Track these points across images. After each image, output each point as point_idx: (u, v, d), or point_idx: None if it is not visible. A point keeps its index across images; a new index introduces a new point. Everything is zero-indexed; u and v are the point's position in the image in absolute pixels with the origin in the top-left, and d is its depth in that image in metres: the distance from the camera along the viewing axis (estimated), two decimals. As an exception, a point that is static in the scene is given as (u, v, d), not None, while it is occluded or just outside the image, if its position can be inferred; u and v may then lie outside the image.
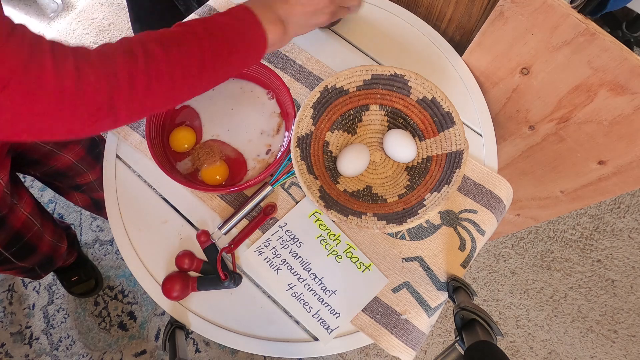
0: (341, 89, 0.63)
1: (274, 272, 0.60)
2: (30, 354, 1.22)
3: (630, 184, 0.66)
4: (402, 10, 0.78)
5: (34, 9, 1.62)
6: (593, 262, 1.33)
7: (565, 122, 0.67)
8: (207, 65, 0.42)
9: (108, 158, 0.68)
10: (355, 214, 0.58)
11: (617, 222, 1.36)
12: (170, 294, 0.58)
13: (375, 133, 0.66)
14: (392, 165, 0.65)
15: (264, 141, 0.66)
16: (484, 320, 0.47)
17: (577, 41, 0.56)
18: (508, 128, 0.78)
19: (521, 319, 1.28)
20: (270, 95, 0.68)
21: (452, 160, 0.59)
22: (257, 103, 0.68)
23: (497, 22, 0.63)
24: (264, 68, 0.65)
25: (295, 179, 0.65)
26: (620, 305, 1.28)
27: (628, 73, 0.54)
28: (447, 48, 0.75)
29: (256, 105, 0.68)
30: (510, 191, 0.66)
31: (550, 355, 1.25)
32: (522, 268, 1.33)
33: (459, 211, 0.64)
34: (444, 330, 1.27)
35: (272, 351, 0.58)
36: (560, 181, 0.78)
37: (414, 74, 0.61)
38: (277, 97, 0.68)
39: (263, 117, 0.67)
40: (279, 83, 0.64)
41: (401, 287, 0.60)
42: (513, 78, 0.69)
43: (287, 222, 0.63)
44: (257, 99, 0.68)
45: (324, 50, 0.74)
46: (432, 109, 0.61)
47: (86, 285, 1.24)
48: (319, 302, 0.59)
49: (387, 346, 0.58)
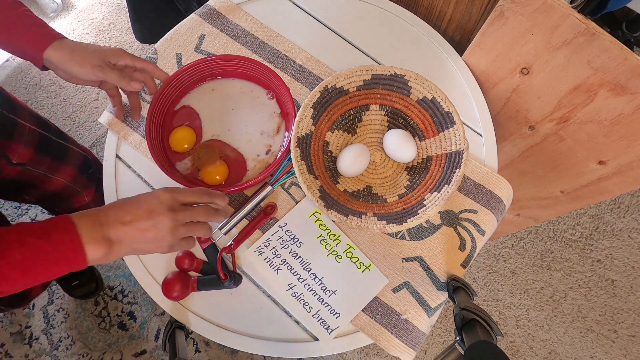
0: (341, 89, 0.63)
1: (274, 272, 0.60)
2: (30, 354, 1.22)
3: (630, 184, 0.66)
4: (402, 10, 0.78)
5: (34, 8, 1.62)
6: (593, 262, 1.33)
7: (565, 122, 0.67)
8: (17, 277, 0.42)
9: (108, 158, 0.68)
10: (355, 214, 0.58)
11: (617, 222, 1.36)
12: (170, 294, 0.58)
13: (375, 133, 0.66)
14: (392, 165, 0.65)
15: (264, 141, 0.66)
16: (484, 320, 0.47)
17: (577, 41, 0.56)
18: (508, 128, 0.78)
19: (521, 319, 1.28)
20: (270, 95, 0.68)
21: (452, 160, 0.59)
22: (257, 103, 0.68)
23: (497, 22, 0.63)
24: (264, 68, 0.65)
25: (295, 179, 0.65)
26: (620, 305, 1.28)
27: (628, 73, 0.54)
28: (447, 48, 0.75)
29: (256, 105, 0.68)
30: (510, 191, 0.66)
31: (550, 355, 1.25)
32: (522, 268, 1.33)
33: (459, 211, 0.63)
34: (444, 330, 1.27)
35: (272, 351, 0.58)
36: (560, 181, 0.78)
37: (414, 74, 0.61)
38: (277, 97, 0.68)
39: (263, 118, 0.67)
40: (279, 83, 0.64)
41: (401, 287, 0.60)
42: (513, 78, 0.69)
43: (287, 222, 0.63)
44: (257, 99, 0.68)
45: (324, 50, 0.74)
46: (432, 109, 0.61)
47: (86, 289, 1.24)
48: (319, 302, 0.59)
49: (387, 346, 0.58)
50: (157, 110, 0.64)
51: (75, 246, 0.43)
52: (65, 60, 0.56)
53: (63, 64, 0.56)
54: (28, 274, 0.41)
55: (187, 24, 0.76)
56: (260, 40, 0.74)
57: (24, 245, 0.41)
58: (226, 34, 0.75)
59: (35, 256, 0.41)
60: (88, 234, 0.43)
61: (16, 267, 0.40)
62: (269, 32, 0.75)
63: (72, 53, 0.56)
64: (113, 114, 0.69)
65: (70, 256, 0.43)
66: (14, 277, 0.40)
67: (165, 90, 0.65)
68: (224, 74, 0.69)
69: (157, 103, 0.64)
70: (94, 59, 0.57)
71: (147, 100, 0.71)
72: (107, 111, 0.70)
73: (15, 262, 0.40)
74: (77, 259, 0.43)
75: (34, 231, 0.42)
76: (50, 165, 0.81)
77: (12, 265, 0.40)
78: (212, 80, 0.69)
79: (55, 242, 0.42)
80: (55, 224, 0.43)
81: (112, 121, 0.69)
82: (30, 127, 0.75)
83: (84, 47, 0.57)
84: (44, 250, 0.41)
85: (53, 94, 1.49)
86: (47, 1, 1.60)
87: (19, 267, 0.40)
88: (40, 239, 0.41)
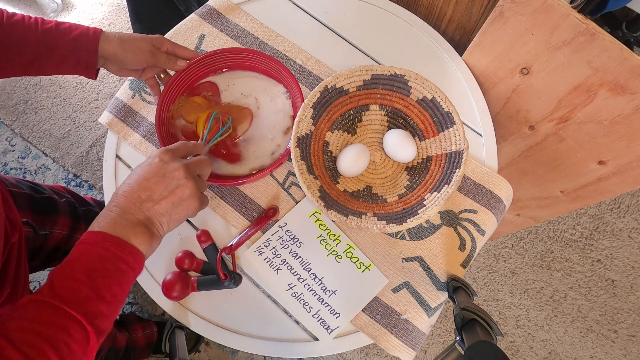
0: (341, 89, 0.63)
1: (274, 272, 0.60)
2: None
3: (630, 184, 0.66)
4: (402, 10, 0.78)
5: (34, 9, 1.62)
6: (593, 262, 1.33)
7: (565, 122, 0.67)
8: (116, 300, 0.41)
9: (108, 158, 0.68)
10: (355, 214, 0.58)
11: (617, 222, 1.36)
12: (170, 294, 0.58)
13: (375, 133, 0.66)
14: (392, 165, 0.65)
15: (274, 137, 0.65)
16: (484, 320, 0.47)
17: (577, 41, 0.56)
18: (508, 128, 0.78)
19: (521, 319, 1.28)
20: (287, 95, 0.68)
21: (452, 160, 0.59)
22: (277, 101, 0.68)
23: (497, 22, 0.63)
24: (288, 73, 0.64)
25: (295, 178, 0.65)
26: (620, 305, 1.28)
27: (628, 73, 0.54)
28: (447, 48, 0.75)
29: (275, 99, 0.68)
30: (510, 191, 0.66)
31: (550, 355, 1.25)
32: (522, 268, 1.33)
33: (459, 211, 0.63)
34: (444, 330, 1.27)
35: (272, 351, 0.58)
36: (560, 181, 0.78)
37: (414, 74, 0.61)
38: (292, 100, 0.67)
39: (278, 115, 0.67)
40: (295, 88, 0.64)
41: (401, 287, 0.60)
42: (513, 78, 0.69)
43: (287, 222, 0.63)
44: (276, 96, 0.68)
45: (324, 50, 0.74)
46: (432, 109, 0.61)
47: None
48: (319, 302, 0.59)
49: (387, 346, 0.58)
50: (179, 81, 0.65)
51: (136, 254, 0.42)
52: (118, 51, 0.56)
53: (116, 54, 0.57)
54: (119, 299, 0.41)
55: (187, 24, 0.76)
56: (260, 40, 0.74)
57: (109, 278, 0.40)
58: (226, 34, 0.74)
59: (116, 283, 0.40)
60: (129, 235, 0.42)
61: (107, 301, 0.39)
62: (269, 32, 0.75)
63: (122, 42, 0.56)
64: (113, 114, 0.69)
65: (139, 265, 0.42)
66: (110, 311, 0.40)
67: (191, 67, 0.65)
68: (246, 67, 0.69)
69: (181, 75, 0.64)
70: (143, 45, 0.57)
71: (153, 102, 0.71)
72: (107, 111, 0.70)
73: (105, 296, 0.39)
74: (140, 262, 0.43)
75: (102, 259, 0.40)
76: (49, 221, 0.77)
77: (106, 302, 0.39)
78: (232, 70, 0.69)
79: (112, 255, 0.41)
80: (101, 245, 0.41)
81: (112, 121, 0.69)
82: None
83: (129, 36, 0.57)
84: (129, 276, 0.41)
85: (53, 94, 1.49)
86: (47, 1, 1.60)
87: (110, 299, 0.39)
88: (116, 262, 0.40)
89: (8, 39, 0.53)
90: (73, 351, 0.35)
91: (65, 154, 1.41)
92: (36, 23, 0.54)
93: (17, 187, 0.71)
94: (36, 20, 0.55)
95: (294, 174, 0.65)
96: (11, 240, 0.55)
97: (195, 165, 0.48)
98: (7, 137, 1.44)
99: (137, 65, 0.59)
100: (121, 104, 0.70)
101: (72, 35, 0.55)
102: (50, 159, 1.41)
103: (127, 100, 0.70)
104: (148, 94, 0.71)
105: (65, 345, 0.35)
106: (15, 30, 0.53)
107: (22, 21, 0.54)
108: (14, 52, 0.53)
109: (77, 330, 0.36)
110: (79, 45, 0.55)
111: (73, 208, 0.85)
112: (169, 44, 0.61)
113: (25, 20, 0.54)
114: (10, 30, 0.53)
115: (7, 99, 1.48)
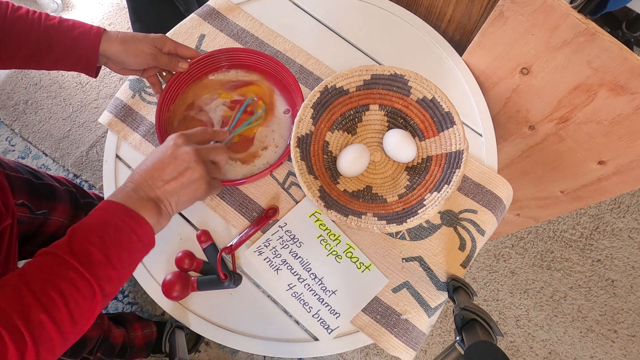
0: (341, 89, 0.63)
1: (274, 272, 0.60)
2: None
3: (630, 184, 0.66)
4: (402, 10, 0.78)
5: (34, 8, 1.62)
6: (593, 262, 1.33)
7: (565, 122, 0.67)
8: (125, 269, 0.44)
9: (108, 158, 0.68)
10: (355, 214, 0.58)
11: (617, 222, 1.36)
12: (170, 294, 0.58)
13: (375, 133, 0.66)
14: (392, 165, 0.65)
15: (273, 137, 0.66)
16: (484, 320, 0.47)
17: (577, 41, 0.56)
18: (508, 128, 0.78)
19: (521, 319, 1.28)
20: (287, 112, 0.68)
21: (452, 160, 0.59)
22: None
23: (497, 22, 0.63)
24: (288, 74, 0.64)
25: (295, 178, 0.65)
26: (620, 305, 1.28)
27: (628, 73, 0.54)
28: (447, 48, 0.75)
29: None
30: (510, 191, 0.66)
31: (550, 355, 1.25)
32: (522, 268, 1.33)
33: (459, 211, 0.63)
34: (444, 330, 1.27)
35: (272, 351, 0.58)
36: (560, 181, 0.78)
37: (414, 74, 0.61)
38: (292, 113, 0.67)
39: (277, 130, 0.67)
40: (296, 88, 0.64)
41: (401, 287, 0.60)
42: (513, 78, 0.69)
43: (287, 222, 0.63)
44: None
45: (324, 50, 0.74)
46: (432, 109, 0.61)
47: None
48: (319, 302, 0.59)
49: (387, 346, 0.58)
50: (179, 80, 0.65)
51: (147, 227, 0.45)
52: (120, 52, 0.57)
53: (118, 55, 0.57)
54: (127, 268, 0.44)
55: (187, 24, 0.76)
56: (260, 40, 0.74)
57: (120, 247, 0.42)
58: (226, 34, 0.75)
59: (126, 254, 0.43)
60: (139, 209, 0.44)
61: (116, 268, 0.42)
62: (269, 32, 0.75)
63: (123, 43, 0.57)
64: (113, 114, 0.69)
65: (149, 239, 0.45)
66: (118, 278, 0.42)
67: (192, 67, 0.65)
68: (246, 67, 0.69)
69: (181, 74, 0.65)
70: (145, 47, 0.58)
71: (154, 102, 0.71)
72: (107, 111, 0.70)
73: (115, 263, 0.42)
74: (150, 235, 0.45)
75: (117, 229, 0.43)
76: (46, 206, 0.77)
77: (115, 268, 0.42)
78: (233, 70, 0.70)
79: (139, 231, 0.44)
80: (119, 217, 0.43)
81: (112, 121, 0.69)
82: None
83: (131, 36, 0.58)
84: (139, 249, 0.44)
85: (53, 94, 1.49)
86: (47, 1, 1.60)
87: (119, 266, 0.42)
88: (130, 233, 0.43)
89: (10, 32, 0.53)
90: (80, 306, 0.39)
91: (65, 154, 1.41)
92: (40, 18, 0.54)
93: (16, 171, 0.72)
94: (40, 15, 0.55)
95: (294, 174, 0.65)
96: (2, 224, 0.56)
97: (208, 150, 0.50)
98: (7, 137, 1.44)
99: (138, 67, 0.59)
100: (121, 104, 0.70)
101: (74, 33, 0.55)
102: (50, 159, 1.41)
103: (127, 100, 0.70)
104: (148, 94, 0.71)
105: (74, 300, 0.38)
106: (18, 23, 0.53)
107: (26, 15, 0.54)
108: (14, 45, 0.54)
109: (86, 288, 0.39)
110: (80, 43, 0.55)
111: (74, 197, 0.85)
112: (171, 44, 0.61)
113: (30, 14, 0.54)
114: (13, 23, 0.53)
115: (7, 99, 1.48)
